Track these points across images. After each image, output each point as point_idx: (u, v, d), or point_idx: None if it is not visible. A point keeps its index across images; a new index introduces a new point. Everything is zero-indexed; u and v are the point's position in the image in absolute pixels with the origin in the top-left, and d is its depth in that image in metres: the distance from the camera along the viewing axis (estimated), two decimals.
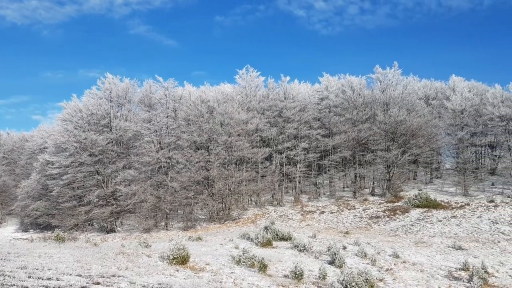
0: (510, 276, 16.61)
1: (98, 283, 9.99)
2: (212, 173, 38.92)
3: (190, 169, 38.64)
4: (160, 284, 10.52)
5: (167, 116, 41.99)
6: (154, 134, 41.69)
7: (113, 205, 40.50)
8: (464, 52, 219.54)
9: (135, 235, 35.42)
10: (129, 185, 39.84)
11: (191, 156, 39.29)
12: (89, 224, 43.16)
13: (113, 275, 11.07)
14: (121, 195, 39.83)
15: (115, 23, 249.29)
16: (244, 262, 14.60)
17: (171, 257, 13.98)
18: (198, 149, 41.64)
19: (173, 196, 38.08)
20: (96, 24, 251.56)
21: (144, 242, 19.79)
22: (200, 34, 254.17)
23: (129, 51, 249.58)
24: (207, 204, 38.43)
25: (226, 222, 37.15)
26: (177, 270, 12.82)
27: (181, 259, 14.01)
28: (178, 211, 39.94)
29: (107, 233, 38.83)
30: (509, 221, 32.04)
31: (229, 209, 38.82)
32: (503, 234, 28.57)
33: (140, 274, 11.78)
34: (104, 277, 10.77)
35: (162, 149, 40.44)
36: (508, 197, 40.58)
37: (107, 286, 9.82)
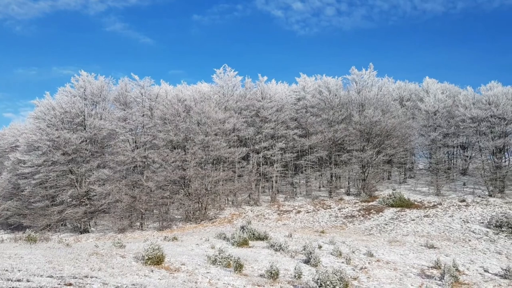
0: (480, 274, 17.07)
1: (70, 284, 9.78)
2: (188, 173, 38.66)
3: (166, 169, 38.30)
4: (134, 284, 10.38)
5: (143, 115, 41.52)
6: (130, 133, 41.16)
7: (86, 205, 39.80)
8: (438, 54, 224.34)
9: (109, 235, 34.88)
10: (104, 184, 39.22)
11: (167, 155, 38.94)
12: (62, 224, 42.27)
13: (86, 276, 10.87)
14: (95, 195, 39.18)
15: (91, 20, 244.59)
16: (220, 262, 14.55)
17: (146, 258, 13.81)
18: (175, 149, 41.32)
19: (148, 196, 37.67)
20: (71, 21, 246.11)
21: (119, 243, 19.51)
22: (177, 33, 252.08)
23: (104, 49, 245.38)
24: (183, 204, 38.17)
25: (202, 222, 36.97)
26: (152, 271, 12.68)
27: (156, 260, 13.86)
28: (154, 211, 39.54)
29: (81, 234, 38.11)
30: (480, 220, 32.93)
31: (205, 209, 38.65)
32: (474, 233, 29.34)
33: (114, 275, 11.60)
34: (76, 278, 10.56)
35: (137, 148, 39.96)
36: (479, 196, 41.70)
37: (79, 287, 9.63)
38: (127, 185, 39.50)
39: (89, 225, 40.63)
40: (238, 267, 13.65)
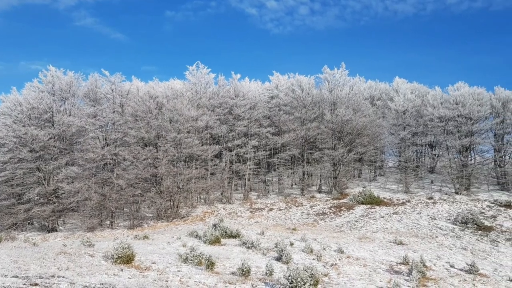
0: (446, 269, 17.56)
1: (36, 284, 9.53)
2: (160, 170, 38.23)
3: (137, 166, 37.75)
4: (102, 284, 10.20)
5: (114, 112, 40.79)
6: (100, 129, 40.37)
7: (54, 203, 38.82)
8: (408, 55, 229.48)
9: (78, 234, 34.14)
10: (72, 182, 38.36)
11: (139, 153, 38.39)
12: (28, 223, 41.08)
13: (53, 276, 10.61)
14: (64, 193, 38.29)
15: (60, 14, 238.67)
16: (191, 260, 14.46)
17: (116, 256, 13.59)
18: (146, 146, 40.78)
19: (119, 194, 37.06)
20: (40, 15, 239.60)
21: (88, 241, 19.14)
22: (150, 28, 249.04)
23: (74, 44, 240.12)
24: (155, 202, 37.74)
25: (174, 220, 36.65)
26: (122, 270, 12.49)
27: (126, 258, 13.65)
28: (124, 209, 38.95)
29: (48, 233, 37.14)
30: (446, 217, 33.88)
31: (177, 207, 38.33)
32: (441, 229, 30.16)
33: (82, 274, 11.37)
34: (42, 278, 10.30)
35: (107, 146, 39.24)
36: (446, 194, 42.89)
37: (45, 287, 9.39)
38: (96, 183, 38.77)
39: (57, 223, 39.66)
40: (210, 265, 13.60)
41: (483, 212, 35.08)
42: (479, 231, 29.27)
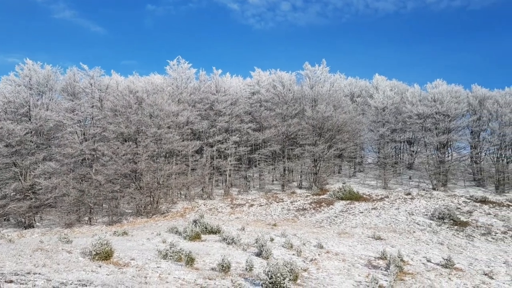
0: (423, 263, 17.89)
1: (11, 281, 9.34)
2: (140, 166, 37.84)
3: (116, 162, 37.28)
4: (80, 281, 10.06)
5: (92, 106, 40.16)
6: (78, 124, 39.68)
7: (31, 199, 38.06)
8: (388, 52, 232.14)
9: (55, 230, 33.59)
10: (50, 178, 37.65)
11: (118, 148, 37.90)
12: (4, 219, 40.20)
13: (29, 273, 10.41)
14: (41, 189, 37.54)
15: (38, 6, 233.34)
16: (171, 256, 14.38)
17: (94, 253, 13.41)
18: (126, 141, 40.29)
19: (97, 190, 36.57)
20: (17, 6, 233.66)
21: (65, 238, 18.83)
22: (130, 22, 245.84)
23: (53, 37, 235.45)
24: (134, 198, 37.37)
25: (154, 216, 36.37)
26: (100, 266, 12.34)
27: (105, 255, 13.49)
28: (103, 205, 38.45)
29: (25, 229, 36.43)
30: (424, 212, 34.48)
31: (157, 203, 38.04)
32: (418, 224, 30.69)
33: (59, 271, 11.19)
34: (18, 274, 10.10)
35: (86, 141, 38.63)
36: (423, 190, 43.64)
37: (21, 284, 9.21)
38: (75, 178, 38.15)
39: (34, 220, 38.93)
40: (190, 261, 13.55)
41: (459, 208, 35.84)
42: (455, 226, 29.91)
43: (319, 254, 17.90)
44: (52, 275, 10.49)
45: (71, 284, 9.68)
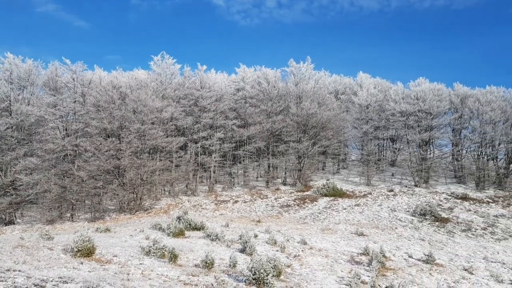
0: (405, 259, 18.13)
1: None
2: (123, 162, 37.48)
3: (99, 158, 36.85)
4: (61, 277, 9.92)
5: (75, 101, 39.61)
6: (60, 120, 39.11)
7: (12, 195, 37.44)
8: (372, 50, 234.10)
9: (37, 227, 33.10)
10: (31, 174, 37.08)
11: (101, 144, 37.46)
12: None
13: (8, 270, 10.23)
14: (22, 185, 36.93)
15: None
16: (154, 253, 14.29)
17: (75, 250, 13.24)
18: (109, 137, 39.82)
19: (80, 186, 36.13)
20: None
21: (46, 234, 18.56)
22: (114, 17, 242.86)
23: (35, 31, 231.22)
24: (117, 194, 37.01)
25: (137, 212, 36.11)
26: (82, 263, 12.19)
27: (87, 251, 13.33)
28: (86, 201, 37.98)
29: (5, 225, 35.84)
30: (406, 209, 34.93)
31: (140, 199, 37.77)
32: (400, 221, 31.09)
33: (40, 267, 11.02)
34: None
35: (68, 136, 38.09)
36: (406, 186, 44.21)
37: (0, 281, 9.05)
38: (56, 174, 37.63)
39: (15, 216, 38.32)
40: (173, 257, 13.49)
41: (440, 204, 36.40)
42: (437, 223, 30.38)
43: (302, 250, 17.99)
44: (32, 272, 10.33)
45: (51, 281, 9.54)
